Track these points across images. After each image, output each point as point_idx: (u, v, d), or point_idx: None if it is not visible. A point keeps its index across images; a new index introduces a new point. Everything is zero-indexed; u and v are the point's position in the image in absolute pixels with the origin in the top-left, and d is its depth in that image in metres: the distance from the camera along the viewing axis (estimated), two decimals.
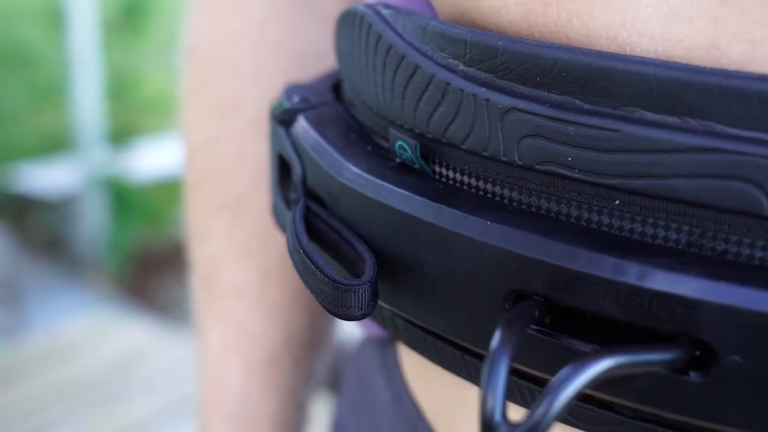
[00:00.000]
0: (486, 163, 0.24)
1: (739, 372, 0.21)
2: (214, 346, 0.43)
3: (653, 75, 0.22)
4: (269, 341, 0.42)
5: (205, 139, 0.42)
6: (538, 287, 0.22)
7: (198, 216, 0.43)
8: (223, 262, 0.42)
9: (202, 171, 0.42)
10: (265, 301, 0.42)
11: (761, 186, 0.21)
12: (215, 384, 0.43)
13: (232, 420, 0.42)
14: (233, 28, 0.41)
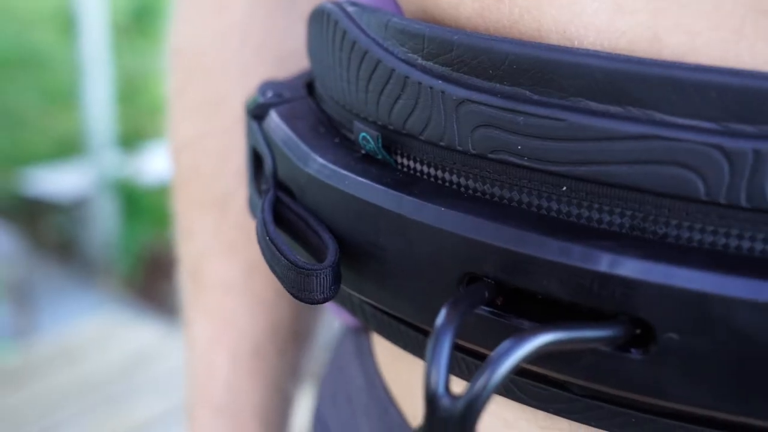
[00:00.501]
0: (443, 153, 0.25)
1: (675, 348, 0.22)
2: (201, 338, 0.44)
3: (597, 67, 0.22)
4: (254, 334, 0.43)
5: (191, 137, 0.43)
6: (488, 270, 0.24)
7: (184, 213, 0.44)
8: (209, 258, 0.43)
9: (187, 169, 0.44)
10: (250, 295, 0.43)
11: (698, 171, 0.22)
12: (202, 376, 0.44)
13: (219, 410, 0.43)
14: (217, 29, 0.42)
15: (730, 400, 0.22)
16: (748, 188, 0.21)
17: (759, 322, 0.21)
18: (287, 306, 0.44)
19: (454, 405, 0.20)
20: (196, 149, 0.43)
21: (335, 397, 0.40)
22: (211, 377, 0.44)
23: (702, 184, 0.22)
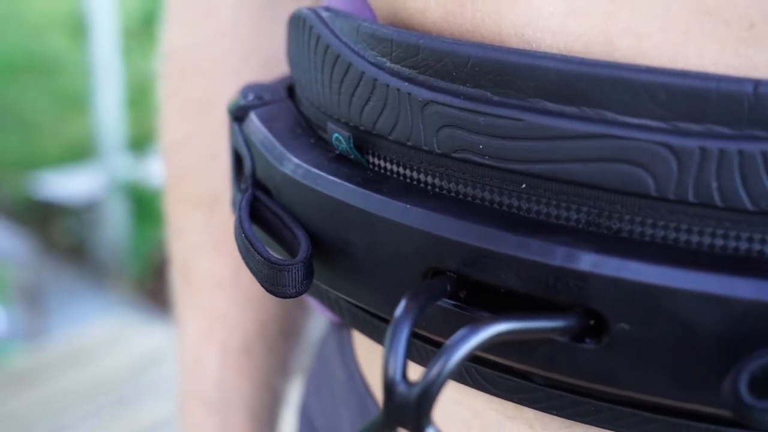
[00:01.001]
0: (410, 152, 0.26)
1: (626, 338, 0.23)
2: (192, 334, 0.45)
3: (553, 68, 0.24)
4: (244, 330, 0.44)
5: (181, 138, 0.44)
6: (451, 264, 0.25)
7: (175, 211, 0.46)
8: (199, 255, 0.44)
9: (178, 169, 0.45)
10: (239, 292, 0.44)
11: (647, 168, 0.23)
12: (193, 371, 0.45)
13: (209, 405, 0.44)
14: (206, 33, 0.43)
15: (678, 387, 0.23)
16: (695, 184, 0.22)
17: (704, 313, 0.22)
18: (276, 304, 0.45)
19: (410, 391, 0.21)
20: (186, 150, 0.44)
21: (319, 391, 0.41)
22: (201, 373, 0.45)
23: (652, 180, 0.23)
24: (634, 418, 0.25)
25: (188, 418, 0.45)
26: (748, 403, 0.21)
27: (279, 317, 0.46)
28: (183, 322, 0.46)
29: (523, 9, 0.24)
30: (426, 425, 0.21)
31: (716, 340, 0.22)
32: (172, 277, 0.47)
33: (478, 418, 0.29)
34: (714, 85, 0.22)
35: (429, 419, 0.21)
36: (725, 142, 0.22)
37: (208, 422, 0.45)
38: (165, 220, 0.47)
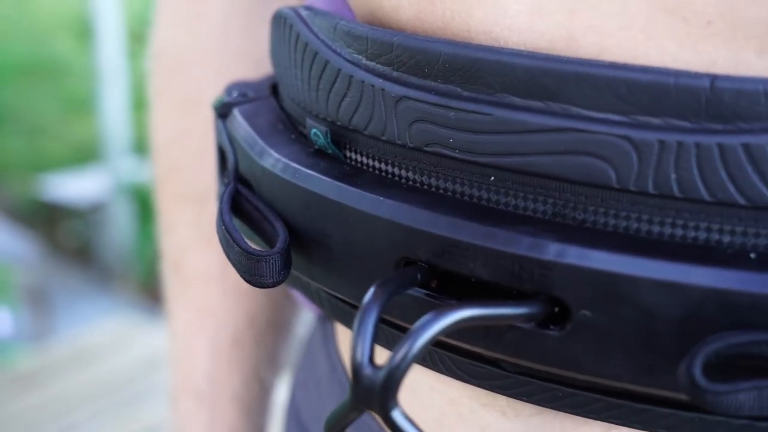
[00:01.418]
0: (385, 147, 0.27)
1: (588, 325, 0.23)
2: (182, 328, 0.46)
3: (519, 65, 0.24)
4: (233, 324, 0.45)
5: (171, 136, 0.45)
6: (421, 254, 0.25)
7: (166, 207, 0.47)
8: (189, 250, 0.45)
9: (168, 165, 0.46)
10: (228, 286, 0.45)
11: (609, 161, 0.23)
12: (184, 364, 0.46)
13: (199, 397, 0.45)
14: (195, 32, 0.44)
15: (639, 372, 0.23)
16: (654, 176, 0.23)
17: (662, 300, 0.22)
18: (264, 297, 0.46)
19: (377, 374, 0.22)
20: (176, 147, 0.45)
21: (306, 384, 0.42)
22: (191, 365, 0.46)
23: (613, 172, 0.23)
24: (600, 403, 0.25)
25: (179, 409, 0.46)
26: (702, 386, 0.21)
27: (268, 310, 0.46)
28: (174, 315, 0.47)
29: (490, 7, 0.25)
30: (392, 407, 0.22)
31: (674, 326, 0.22)
32: (164, 271, 0.48)
33: (453, 406, 0.29)
34: (672, 80, 0.23)
35: (395, 401, 0.22)
36: (683, 135, 0.23)
37: (199, 413, 0.45)
38: (157, 216, 0.48)
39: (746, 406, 0.21)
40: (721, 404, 0.21)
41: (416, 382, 0.30)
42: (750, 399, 0.21)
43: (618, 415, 0.25)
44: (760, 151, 0.22)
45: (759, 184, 0.22)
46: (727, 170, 0.22)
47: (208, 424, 0.45)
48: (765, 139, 0.22)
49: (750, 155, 0.22)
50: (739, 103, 0.22)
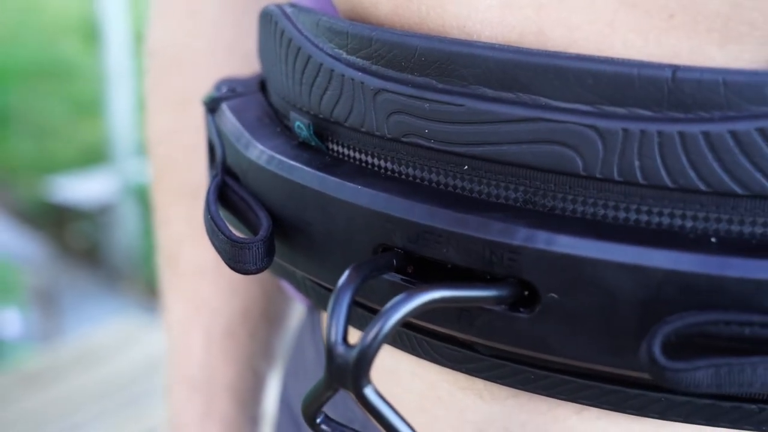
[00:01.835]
0: (364, 138, 0.28)
1: (556, 307, 0.24)
2: (178, 320, 0.47)
3: (491, 57, 0.25)
4: (227, 315, 0.46)
5: (166, 131, 0.46)
6: (397, 241, 0.26)
7: (161, 202, 0.48)
8: (183, 244, 0.46)
9: (164, 161, 0.47)
10: (222, 279, 0.46)
11: (576, 149, 0.24)
12: (179, 355, 0.47)
13: (194, 387, 0.46)
14: (188, 30, 0.45)
15: (604, 353, 0.24)
16: (619, 163, 0.24)
17: (625, 282, 0.23)
18: (257, 290, 0.47)
19: (349, 353, 0.23)
20: (171, 143, 0.46)
21: (296, 373, 0.43)
22: (186, 356, 0.47)
23: (580, 160, 0.24)
24: (571, 385, 0.26)
25: (174, 399, 0.47)
26: (661, 364, 0.22)
27: (261, 302, 0.47)
28: (169, 308, 0.48)
29: (463, 3, 0.26)
30: (364, 385, 0.23)
31: (636, 307, 0.23)
32: (159, 265, 0.49)
33: (433, 390, 0.30)
34: (636, 71, 0.23)
35: (367, 379, 0.23)
36: (646, 123, 0.23)
37: (193, 403, 0.46)
38: (152, 210, 0.49)
39: (704, 383, 0.22)
40: (680, 381, 0.22)
41: (397, 367, 0.31)
42: (707, 376, 0.22)
43: (588, 396, 0.26)
44: (720, 139, 0.23)
45: (719, 170, 0.23)
46: (688, 157, 0.23)
47: (203, 413, 0.46)
48: (724, 127, 0.23)
49: (710, 143, 0.23)
50: (699, 92, 0.23)
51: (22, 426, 1.92)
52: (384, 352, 0.32)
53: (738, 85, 0.23)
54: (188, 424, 0.47)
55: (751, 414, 0.25)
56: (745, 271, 0.23)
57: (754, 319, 0.22)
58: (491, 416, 0.29)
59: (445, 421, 0.30)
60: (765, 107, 0.23)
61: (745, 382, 0.22)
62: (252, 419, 0.48)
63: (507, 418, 0.29)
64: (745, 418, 0.25)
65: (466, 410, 0.29)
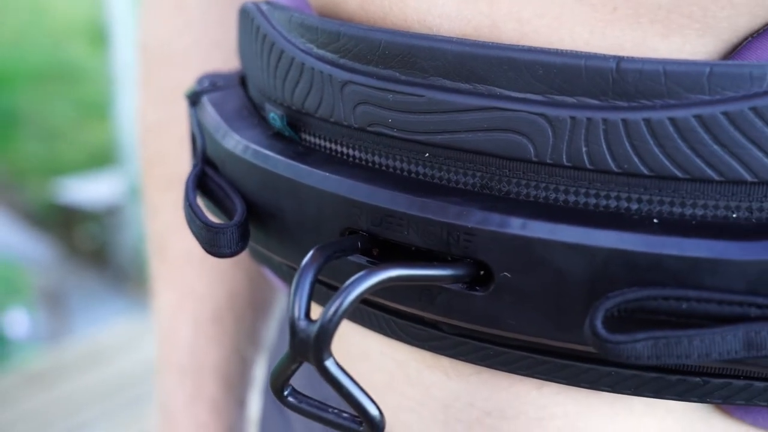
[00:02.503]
0: (333, 128, 0.30)
1: (509, 285, 0.26)
2: (166, 306, 0.49)
3: (449, 50, 0.27)
4: (213, 301, 0.48)
5: (155, 123, 0.48)
6: (362, 224, 0.28)
7: (151, 192, 0.49)
8: (171, 232, 0.48)
9: (153, 152, 0.48)
10: (209, 267, 0.48)
11: (528, 136, 0.26)
12: (167, 340, 0.49)
13: (182, 371, 0.48)
14: (175, 25, 0.47)
15: (555, 328, 0.26)
16: (568, 149, 0.25)
17: (572, 261, 0.25)
18: (243, 276, 0.49)
19: (311, 328, 0.24)
20: (160, 134, 0.48)
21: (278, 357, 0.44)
22: (174, 341, 0.48)
23: (532, 147, 0.26)
24: (527, 360, 0.28)
25: (164, 384, 0.49)
26: (603, 337, 0.24)
27: (247, 289, 0.49)
28: (158, 294, 0.50)
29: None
30: (325, 357, 0.24)
31: (583, 284, 0.25)
32: (149, 253, 0.51)
33: (401, 368, 0.32)
34: (583, 62, 0.25)
35: (328, 352, 0.24)
36: (593, 111, 0.25)
37: (181, 387, 0.48)
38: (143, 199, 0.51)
39: (644, 355, 0.24)
40: (621, 353, 0.24)
41: (368, 347, 0.33)
42: (647, 348, 0.24)
43: (544, 371, 0.28)
44: (660, 126, 0.24)
45: (660, 155, 0.24)
46: (631, 143, 0.25)
47: (190, 396, 0.48)
48: (664, 115, 0.24)
49: (651, 129, 0.24)
50: (641, 82, 0.24)
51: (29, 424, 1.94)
52: (355, 333, 0.33)
53: (677, 74, 0.24)
54: (177, 406, 0.48)
55: (695, 386, 0.26)
56: (682, 249, 0.24)
57: (690, 294, 0.24)
58: (456, 393, 0.30)
59: (413, 398, 0.31)
60: (703, 95, 0.24)
61: (683, 353, 0.23)
62: (239, 402, 0.50)
63: (471, 394, 0.30)
64: (690, 390, 0.27)
65: (433, 387, 0.31)
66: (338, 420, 0.26)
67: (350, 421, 0.26)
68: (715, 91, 0.24)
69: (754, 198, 0.25)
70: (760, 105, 0.23)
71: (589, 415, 0.29)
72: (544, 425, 0.29)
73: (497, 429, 0.30)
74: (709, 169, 0.24)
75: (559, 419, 0.29)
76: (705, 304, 0.24)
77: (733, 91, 0.24)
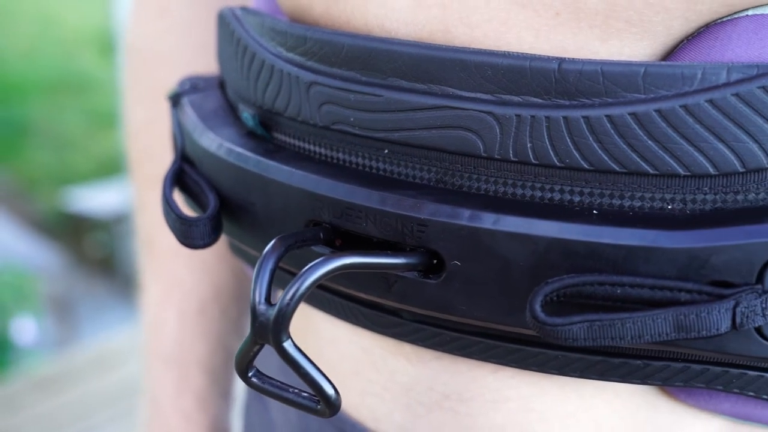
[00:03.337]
0: (301, 127, 0.31)
1: (459, 273, 0.27)
2: (153, 299, 0.51)
3: (406, 53, 0.28)
4: (199, 294, 0.50)
5: (142, 122, 0.50)
6: (324, 216, 0.29)
7: (139, 188, 0.51)
8: (159, 228, 0.49)
9: (141, 150, 0.50)
10: (195, 261, 0.49)
11: (477, 133, 0.27)
12: (154, 332, 0.50)
13: (168, 361, 0.50)
14: (160, 28, 0.49)
15: (501, 313, 0.27)
16: (514, 145, 0.27)
17: (516, 249, 0.26)
18: (228, 271, 0.50)
19: (270, 311, 0.26)
20: (147, 133, 0.49)
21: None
22: (161, 332, 0.50)
23: (481, 143, 0.27)
24: (480, 345, 0.29)
25: (151, 374, 0.51)
26: (541, 319, 0.25)
27: (232, 283, 0.51)
28: (146, 288, 0.51)
29: (381, 4, 0.29)
30: (283, 339, 0.26)
31: (527, 271, 0.26)
32: (138, 248, 0.53)
33: (367, 355, 0.33)
34: (528, 63, 0.27)
35: (286, 334, 0.26)
36: (536, 109, 0.26)
37: (168, 377, 0.50)
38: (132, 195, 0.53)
39: (580, 337, 0.25)
40: (558, 335, 0.25)
41: (337, 336, 0.34)
42: (582, 330, 0.25)
43: (496, 355, 0.29)
44: (599, 123, 0.26)
45: (599, 150, 0.26)
46: (572, 139, 0.26)
47: (176, 386, 0.50)
48: (602, 112, 0.26)
49: (590, 126, 0.26)
50: (581, 81, 0.26)
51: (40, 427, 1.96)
52: (326, 322, 0.35)
53: (614, 74, 0.26)
54: (164, 396, 0.50)
55: (637, 369, 0.28)
56: (617, 238, 0.26)
57: (624, 280, 0.25)
58: (418, 377, 0.32)
59: (378, 383, 0.33)
60: (638, 94, 0.26)
61: (616, 335, 0.25)
62: (223, 393, 0.52)
63: (431, 378, 0.32)
64: (632, 372, 0.28)
65: (396, 373, 0.32)
66: (298, 399, 0.28)
67: (308, 400, 0.27)
68: (649, 90, 0.26)
69: (688, 190, 0.26)
70: (691, 103, 0.25)
71: (541, 398, 0.30)
72: (499, 407, 0.31)
73: (455, 411, 0.31)
74: (645, 164, 0.26)
75: (513, 401, 0.31)
76: (638, 289, 0.25)
77: (666, 90, 0.26)
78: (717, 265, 0.25)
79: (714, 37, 0.26)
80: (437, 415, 0.32)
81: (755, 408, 0.29)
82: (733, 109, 0.25)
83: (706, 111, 0.25)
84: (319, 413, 0.27)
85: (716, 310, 0.25)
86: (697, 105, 0.25)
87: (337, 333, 0.34)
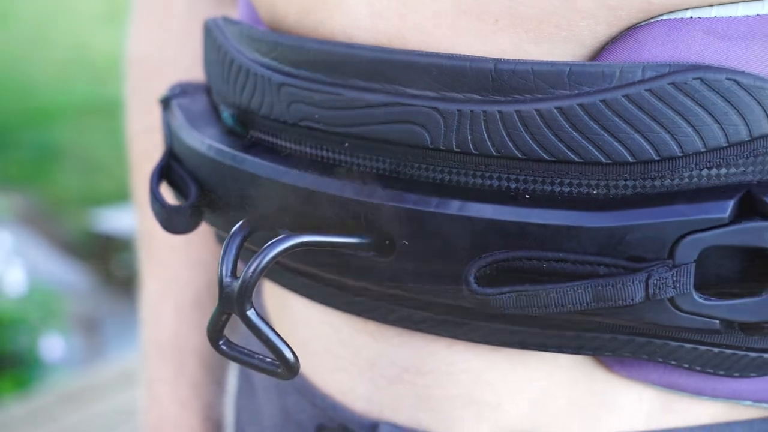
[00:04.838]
0: (273, 124, 0.35)
1: (407, 252, 0.30)
2: (151, 293, 0.54)
3: (364, 56, 0.32)
4: (194, 288, 0.53)
5: (142, 129, 0.53)
6: (291, 202, 0.33)
7: (138, 189, 0.55)
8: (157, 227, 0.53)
9: (141, 154, 0.54)
10: (190, 256, 0.53)
11: (424, 126, 0.30)
12: (152, 324, 0.54)
13: (165, 353, 0.53)
14: (160, 39, 0.52)
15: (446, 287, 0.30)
16: (456, 137, 0.30)
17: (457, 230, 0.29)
18: None
19: (234, 283, 0.29)
20: (146, 139, 0.53)
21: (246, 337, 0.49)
22: (158, 326, 0.53)
23: (428, 136, 0.31)
24: (430, 321, 0.32)
25: (149, 366, 0.54)
26: (473, 289, 0.28)
27: None
28: (144, 282, 0.55)
29: (345, 14, 0.32)
30: (247, 308, 0.29)
31: (466, 249, 0.29)
32: (138, 245, 0.56)
33: (336, 333, 0.36)
34: (468, 63, 0.30)
35: (249, 304, 0.29)
36: (475, 105, 0.30)
37: (164, 368, 0.53)
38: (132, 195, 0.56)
39: (510, 305, 0.28)
40: (489, 303, 0.28)
41: (309, 316, 0.37)
42: (511, 300, 0.28)
43: (446, 329, 0.32)
44: (529, 116, 0.29)
45: (530, 141, 0.29)
46: (506, 131, 0.29)
47: (173, 377, 0.53)
48: (532, 107, 0.29)
49: (522, 119, 0.29)
50: (514, 79, 0.29)
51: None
52: (299, 304, 0.38)
53: (543, 73, 0.29)
54: (161, 385, 0.53)
55: (570, 340, 0.31)
56: (544, 218, 0.29)
57: (549, 255, 0.28)
58: (381, 353, 0.35)
59: (345, 359, 0.36)
60: (564, 90, 0.29)
61: (541, 304, 0.28)
62: (217, 382, 0.55)
63: (393, 354, 0.35)
64: (566, 344, 0.31)
65: (362, 348, 0.35)
66: (262, 365, 0.31)
67: (270, 365, 0.30)
68: (574, 87, 0.29)
69: (610, 177, 0.29)
70: (609, 98, 0.28)
71: (492, 370, 0.33)
72: (454, 379, 0.34)
73: (414, 383, 0.34)
74: (570, 153, 0.29)
75: (466, 373, 0.33)
76: (562, 264, 0.28)
77: (588, 86, 0.29)
78: (632, 243, 0.28)
79: (633, 39, 0.29)
80: (398, 387, 0.35)
81: (680, 377, 0.31)
82: (647, 103, 0.28)
83: (623, 105, 0.28)
84: (280, 376, 0.30)
85: (630, 281, 0.27)
86: (615, 100, 0.28)
87: (310, 314, 0.37)
